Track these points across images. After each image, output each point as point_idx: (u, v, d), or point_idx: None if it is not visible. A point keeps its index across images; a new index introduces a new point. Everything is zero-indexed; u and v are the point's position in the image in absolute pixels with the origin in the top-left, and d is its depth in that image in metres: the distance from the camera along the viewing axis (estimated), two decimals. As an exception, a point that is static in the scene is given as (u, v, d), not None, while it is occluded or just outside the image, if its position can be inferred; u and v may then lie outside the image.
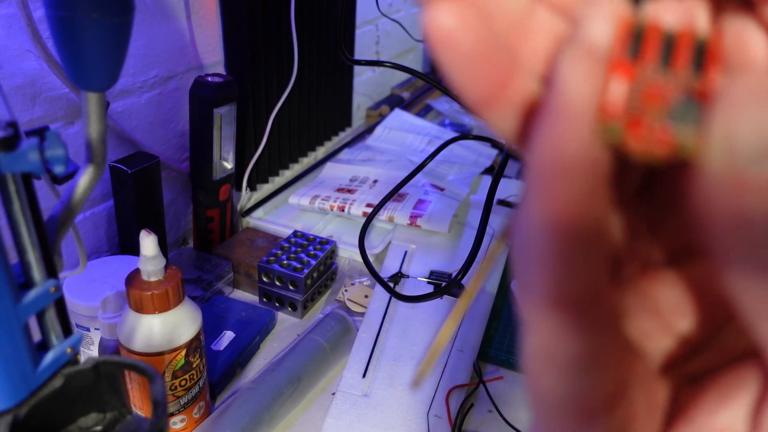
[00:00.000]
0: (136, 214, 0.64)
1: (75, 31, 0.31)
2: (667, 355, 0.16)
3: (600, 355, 0.13)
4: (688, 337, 0.16)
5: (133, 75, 0.68)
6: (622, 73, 0.12)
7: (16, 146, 0.24)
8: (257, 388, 0.53)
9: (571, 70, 0.12)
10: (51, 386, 0.28)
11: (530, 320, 0.14)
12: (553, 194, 0.12)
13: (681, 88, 0.12)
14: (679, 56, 0.12)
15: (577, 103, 0.12)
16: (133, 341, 0.45)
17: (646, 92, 0.12)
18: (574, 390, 0.14)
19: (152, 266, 0.44)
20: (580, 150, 0.12)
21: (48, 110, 0.59)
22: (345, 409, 0.55)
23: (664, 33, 0.12)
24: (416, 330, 0.65)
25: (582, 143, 0.12)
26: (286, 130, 0.94)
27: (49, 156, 0.25)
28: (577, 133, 0.12)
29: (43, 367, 0.27)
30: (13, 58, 0.54)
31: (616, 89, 0.12)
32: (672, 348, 0.16)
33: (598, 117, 0.12)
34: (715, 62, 0.12)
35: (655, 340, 0.16)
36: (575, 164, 0.12)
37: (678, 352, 0.16)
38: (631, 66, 0.12)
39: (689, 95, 0.12)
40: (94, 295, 0.53)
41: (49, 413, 0.28)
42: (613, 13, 0.12)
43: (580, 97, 0.12)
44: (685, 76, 0.12)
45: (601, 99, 0.12)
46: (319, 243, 0.72)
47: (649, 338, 0.16)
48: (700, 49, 0.12)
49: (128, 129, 0.69)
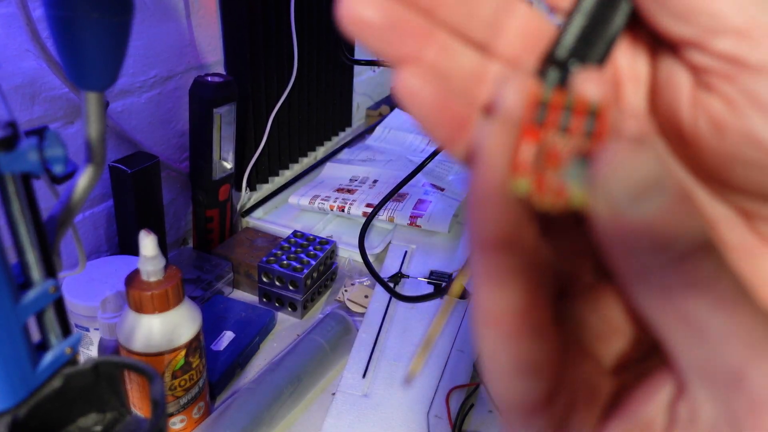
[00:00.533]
0: (136, 214, 0.64)
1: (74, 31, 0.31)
2: (621, 355, 0.19)
3: (534, 361, 0.16)
4: (640, 340, 0.18)
5: (132, 75, 0.68)
6: (530, 138, 0.15)
7: (16, 146, 0.24)
8: (257, 388, 0.53)
9: (490, 134, 0.15)
10: (50, 386, 0.28)
11: (476, 330, 0.17)
12: (476, 223, 0.15)
13: (575, 150, 0.15)
14: (575, 124, 0.15)
15: (494, 162, 0.15)
16: (132, 341, 0.45)
17: (547, 154, 0.15)
18: (514, 390, 0.17)
19: (152, 266, 0.44)
20: (497, 195, 0.15)
21: (47, 110, 0.59)
22: (345, 409, 0.55)
23: (566, 104, 0.15)
24: (416, 330, 0.65)
25: (498, 191, 0.15)
26: (285, 130, 0.94)
27: (48, 156, 0.25)
28: (494, 183, 0.15)
29: (42, 367, 0.27)
30: (13, 57, 0.54)
31: (524, 151, 0.15)
32: (625, 349, 0.19)
33: (511, 173, 0.15)
34: (602, 129, 0.15)
35: (606, 342, 0.19)
36: (493, 205, 0.15)
37: (631, 354, 0.19)
38: (538, 132, 0.15)
39: (581, 156, 0.15)
40: (93, 295, 0.53)
41: (48, 413, 0.28)
42: (524, 87, 0.16)
43: (496, 157, 0.15)
44: (579, 140, 0.15)
45: (513, 159, 0.15)
46: (319, 243, 0.72)
47: (601, 341, 0.19)
48: (593, 117, 0.15)
49: (128, 129, 0.69)
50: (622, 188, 0.14)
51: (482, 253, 0.16)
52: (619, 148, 0.14)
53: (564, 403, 0.17)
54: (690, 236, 0.14)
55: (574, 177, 0.15)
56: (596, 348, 0.19)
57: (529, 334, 0.16)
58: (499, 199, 0.15)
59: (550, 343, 0.17)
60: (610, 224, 0.14)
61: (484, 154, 0.15)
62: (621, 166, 0.14)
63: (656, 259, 0.14)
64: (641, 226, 0.14)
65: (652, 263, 0.14)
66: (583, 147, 0.15)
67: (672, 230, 0.13)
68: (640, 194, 0.13)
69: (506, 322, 0.16)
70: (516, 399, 0.17)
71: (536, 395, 0.17)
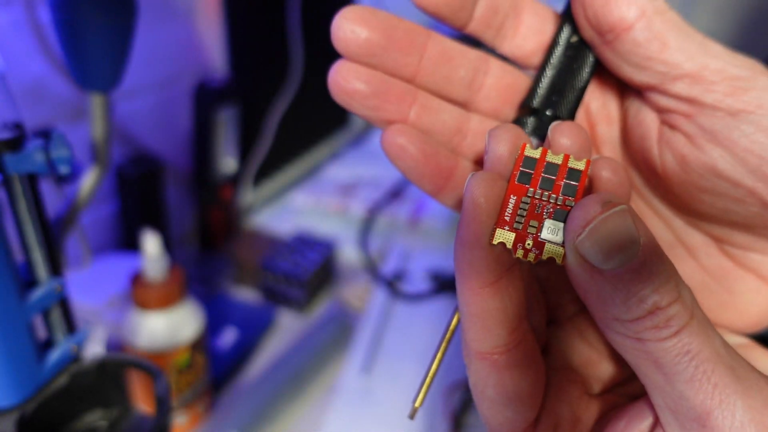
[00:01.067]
0: (140, 214, 0.65)
1: (79, 34, 0.32)
2: (607, 378, 0.20)
3: (521, 391, 0.17)
4: (624, 363, 0.19)
5: (135, 76, 0.69)
6: (515, 194, 0.17)
7: (22, 147, 0.25)
8: (258, 386, 0.54)
9: (478, 187, 0.16)
10: (56, 384, 0.28)
11: (466, 361, 0.18)
12: (463, 267, 0.17)
13: (554, 206, 0.16)
14: (556, 181, 0.17)
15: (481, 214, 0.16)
16: (137, 339, 0.45)
17: (530, 210, 0.16)
18: (502, 417, 0.18)
19: (156, 265, 0.44)
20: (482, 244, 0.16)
21: (53, 111, 0.59)
22: (345, 408, 0.55)
23: (551, 164, 0.17)
24: (416, 329, 0.65)
25: (483, 241, 0.16)
26: (287, 131, 0.95)
27: (54, 157, 0.26)
28: (480, 234, 0.16)
29: (48, 364, 0.28)
30: (20, 60, 0.55)
31: (509, 207, 0.16)
32: (611, 372, 0.20)
33: (496, 226, 0.16)
34: (581, 187, 0.17)
35: (593, 367, 0.20)
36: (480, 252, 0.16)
37: (616, 376, 0.20)
38: (523, 187, 0.17)
39: (560, 211, 0.16)
40: (98, 293, 0.53)
41: (54, 410, 0.28)
42: (512, 142, 0.17)
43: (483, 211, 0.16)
44: (559, 196, 0.17)
45: (499, 213, 0.16)
46: (320, 243, 0.73)
47: (588, 366, 0.20)
48: (572, 178, 0.17)
49: (132, 130, 0.69)
50: (594, 247, 0.15)
51: (469, 294, 0.17)
52: (592, 209, 0.15)
53: (551, 427, 0.19)
54: (661, 287, 0.15)
55: (553, 233, 0.16)
56: (584, 372, 0.20)
57: (515, 366, 0.17)
58: (485, 248, 0.16)
59: (536, 373, 0.18)
60: (583, 276, 0.15)
61: (472, 207, 0.16)
62: (595, 228, 0.15)
63: (628, 311, 0.15)
64: (613, 279, 0.15)
65: (624, 314, 0.15)
66: (562, 203, 0.17)
67: (642, 283, 0.15)
68: (611, 253, 0.15)
69: (493, 358, 0.17)
70: (503, 425, 0.18)
71: (522, 421, 0.18)
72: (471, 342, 0.17)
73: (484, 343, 0.17)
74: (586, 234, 0.15)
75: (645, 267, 0.15)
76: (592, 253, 0.15)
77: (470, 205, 0.16)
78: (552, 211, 0.16)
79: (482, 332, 0.17)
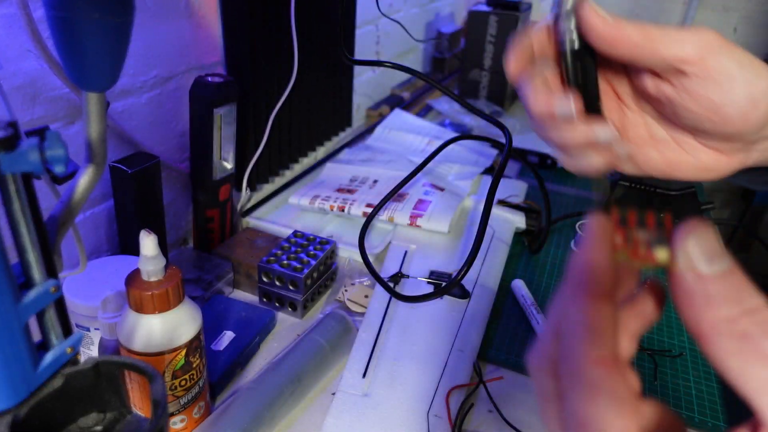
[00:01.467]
0: (136, 214, 0.64)
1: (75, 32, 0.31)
2: None
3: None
4: None
5: (133, 75, 0.68)
6: (619, 232, 0.23)
7: (17, 146, 0.24)
8: (257, 388, 0.53)
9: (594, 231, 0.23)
10: (51, 386, 0.28)
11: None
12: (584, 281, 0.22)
13: (653, 235, 0.22)
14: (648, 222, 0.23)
15: (600, 244, 0.23)
16: (133, 341, 0.45)
17: (635, 238, 0.23)
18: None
19: (152, 266, 0.44)
20: (602, 263, 0.22)
21: (48, 110, 0.59)
22: (345, 409, 0.55)
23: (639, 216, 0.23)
24: (416, 330, 0.65)
25: (604, 260, 0.22)
26: (286, 130, 0.94)
27: (49, 156, 0.25)
28: (601, 256, 0.23)
29: (43, 366, 0.27)
30: (14, 58, 0.54)
31: (618, 238, 0.23)
32: None
33: (613, 250, 0.23)
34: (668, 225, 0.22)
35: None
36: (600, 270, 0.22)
37: None
38: (624, 229, 0.23)
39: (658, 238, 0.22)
40: (94, 295, 0.53)
41: (49, 413, 0.28)
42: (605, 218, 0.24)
43: (601, 242, 0.23)
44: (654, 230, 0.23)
45: (613, 242, 0.23)
46: (319, 243, 0.72)
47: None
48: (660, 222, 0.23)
49: (128, 129, 0.69)
50: (699, 252, 0.20)
51: (586, 301, 0.22)
52: (694, 226, 0.20)
53: None
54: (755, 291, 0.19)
55: (658, 247, 0.22)
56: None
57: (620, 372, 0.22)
58: (605, 266, 0.22)
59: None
60: (691, 279, 0.20)
61: (593, 245, 0.23)
62: (698, 238, 0.20)
63: (731, 309, 0.19)
64: (714, 281, 0.19)
65: (728, 314, 0.18)
66: (658, 233, 0.22)
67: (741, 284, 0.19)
68: (712, 257, 0.20)
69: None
70: None
71: None
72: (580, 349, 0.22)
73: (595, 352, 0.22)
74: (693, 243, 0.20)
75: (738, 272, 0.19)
76: (697, 257, 0.20)
77: (591, 244, 0.23)
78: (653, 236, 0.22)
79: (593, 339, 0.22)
